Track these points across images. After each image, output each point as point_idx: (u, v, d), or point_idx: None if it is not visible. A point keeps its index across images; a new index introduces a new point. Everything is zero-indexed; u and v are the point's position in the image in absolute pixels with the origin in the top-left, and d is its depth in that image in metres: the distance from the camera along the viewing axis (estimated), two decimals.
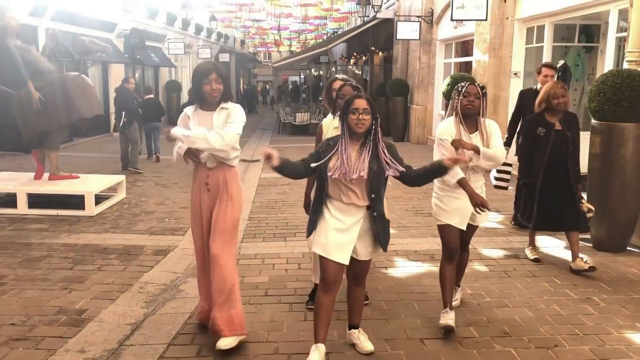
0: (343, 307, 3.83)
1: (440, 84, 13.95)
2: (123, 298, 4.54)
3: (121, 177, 8.55)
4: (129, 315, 4.20)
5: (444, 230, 3.99)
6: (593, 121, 5.79)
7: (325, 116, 4.49)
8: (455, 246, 3.96)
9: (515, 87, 10.43)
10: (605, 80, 5.49)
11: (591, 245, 5.89)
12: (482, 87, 3.96)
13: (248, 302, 4.41)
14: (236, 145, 3.64)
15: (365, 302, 4.18)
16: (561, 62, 9.39)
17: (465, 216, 3.96)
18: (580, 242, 6.00)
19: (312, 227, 3.42)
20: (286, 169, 3.24)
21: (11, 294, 4.58)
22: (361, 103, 3.25)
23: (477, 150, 3.85)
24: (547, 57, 9.54)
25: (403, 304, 4.41)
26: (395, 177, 3.42)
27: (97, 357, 3.54)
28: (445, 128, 3.95)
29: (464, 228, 4.00)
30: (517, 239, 6.23)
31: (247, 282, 4.88)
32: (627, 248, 5.78)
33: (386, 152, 3.35)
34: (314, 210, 3.43)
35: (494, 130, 3.98)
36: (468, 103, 3.87)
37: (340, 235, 3.31)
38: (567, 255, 5.62)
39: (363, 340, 3.63)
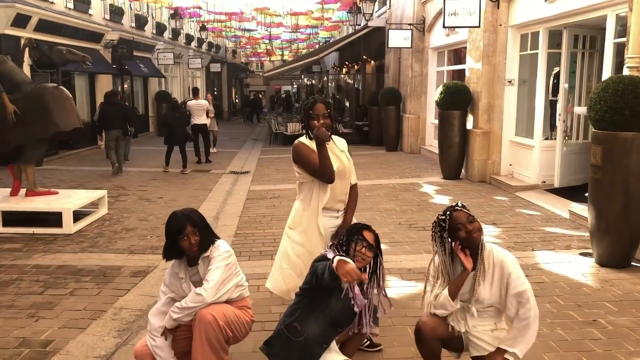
0: None
1: (433, 92, 13.70)
2: (94, 326, 4.21)
3: (103, 192, 8.22)
4: (98, 347, 3.87)
5: None
6: (593, 130, 5.52)
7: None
8: None
9: (510, 95, 10.20)
10: (606, 88, 5.23)
11: (594, 260, 5.60)
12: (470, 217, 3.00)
13: None
14: (224, 288, 3.16)
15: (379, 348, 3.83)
16: (556, 70, 9.17)
17: None
18: (582, 257, 5.77)
19: None
20: None
21: None
22: (368, 235, 3.15)
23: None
24: (542, 64, 9.32)
25: (396, 331, 4.11)
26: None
27: None
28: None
29: None
30: (515, 254, 5.91)
31: None
32: (632, 263, 5.49)
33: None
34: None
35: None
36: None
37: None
38: (569, 271, 5.34)
39: None
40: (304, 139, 3.84)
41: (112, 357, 3.73)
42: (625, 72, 5.81)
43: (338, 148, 3.81)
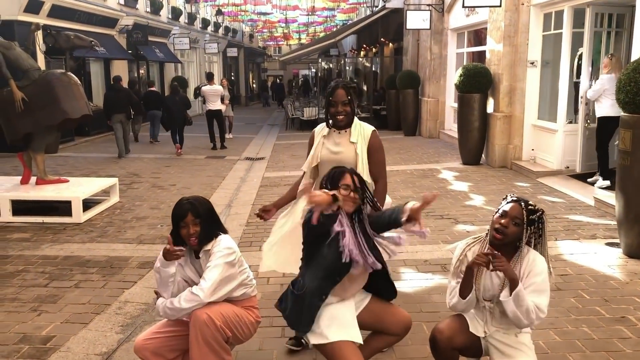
0: None
1: (453, 75, 13.35)
2: (97, 321, 4.08)
3: (114, 180, 8.10)
4: (100, 343, 3.73)
5: None
6: (622, 114, 5.21)
7: None
8: None
9: (532, 77, 9.84)
10: (637, 68, 4.92)
11: (621, 251, 5.33)
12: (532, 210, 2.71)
13: None
14: (224, 288, 2.94)
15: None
16: (581, 50, 8.79)
17: None
18: (609, 247, 5.50)
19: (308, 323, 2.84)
20: None
21: None
22: (347, 179, 2.84)
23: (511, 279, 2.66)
24: (566, 44, 8.94)
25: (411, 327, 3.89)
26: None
27: None
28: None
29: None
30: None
31: None
32: None
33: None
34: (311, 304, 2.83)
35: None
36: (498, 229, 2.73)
37: (342, 312, 2.87)
38: (595, 263, 5.08)
39: None
40: (319, 127, 3.70)
41: (113, 354, 3.59)
42: None
43: (349, 138, 3.56)
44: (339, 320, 2.82)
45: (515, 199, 2.76)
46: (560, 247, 5.54)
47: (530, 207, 2.70)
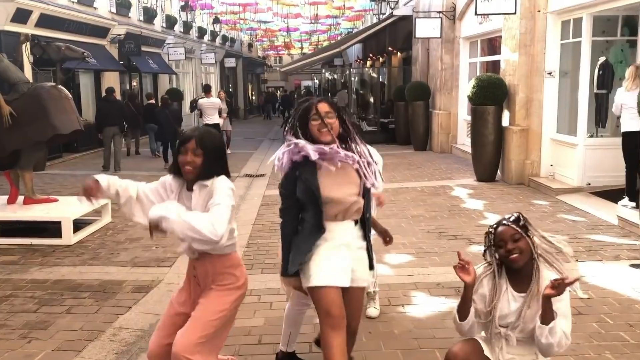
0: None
1: (465, 86, 13.49)
2: (91, 348, 4.14)
3: (106, 200, 8.19)
4: None
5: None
6: None
7: None
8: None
9: (550, 88, 9.95)
10: None
11: None
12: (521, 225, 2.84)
13: (237, 353, 4.00)
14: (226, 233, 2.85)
15: None
16: (602, 59, 8.90)
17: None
18: (634, 268, 5.55)
19: (297, 265, 3.05)
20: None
21: None
22: (323, 107, 2.98)
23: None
24: (585, 53, 9.06)
25: (422, 354, 3.95)
26: None
27: None
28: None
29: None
30: None
31: (238, 327, 4.43)
32: None
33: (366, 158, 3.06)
34: (299, 245, 3.04)
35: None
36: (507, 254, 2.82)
37: (335, 256, 3.02)
38: (618, 285, 5.13)
39: None
40: None
41: None
42: None
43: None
44: (328, 265, 2.98)
45: (494, 226, 2.89)
46: (582, 269, 5.59)
47: (511, 218, 2.86)
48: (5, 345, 4.19)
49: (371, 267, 3.19)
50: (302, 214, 3.07)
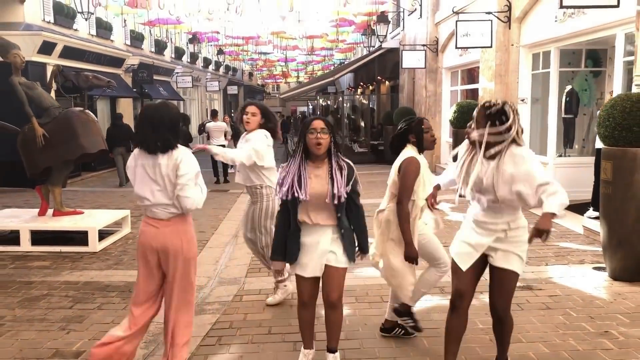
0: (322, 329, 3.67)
1: (447, 111, 13.87)
2: None
3: (126, 212, 8.46)
4: None
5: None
6: (603, 147, 5.64)
7: None
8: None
9: (523, 113, 10.31)
10: (614, 105, 5.36)
11: (607, 274, 5.68)
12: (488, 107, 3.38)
13: (250, 342, 4.26)
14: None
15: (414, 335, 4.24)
16: (569, 88, 9.30)
17: None
18: (596, 271, 5.85)
19: (294, 255, 3.51)
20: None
21: (7, 336, 4.45)
22: (319, 124, 3.41)
23: None
24: (554, 82, 9.45)
25: (411, 341, 4.23)
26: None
27: None
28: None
29: None
30: (529, 269, 6.02)
31: (249, 320, 4.72)
32: None
33: (339, 172, 3.44)
34: (288, 235, 3.53)
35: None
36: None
37: (312, 250, 3.48)
38: (582, 285, 5.42)
39: None
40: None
41: None
42: (634, 89, 5.95)
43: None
44: (306, 257, 3.47)
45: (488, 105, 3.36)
46: (550, 271, 5.89)
47: (486, 104, 3.34)
48: (48, 336, 4.44)
49: (363, 251, 3.67)
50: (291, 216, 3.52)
